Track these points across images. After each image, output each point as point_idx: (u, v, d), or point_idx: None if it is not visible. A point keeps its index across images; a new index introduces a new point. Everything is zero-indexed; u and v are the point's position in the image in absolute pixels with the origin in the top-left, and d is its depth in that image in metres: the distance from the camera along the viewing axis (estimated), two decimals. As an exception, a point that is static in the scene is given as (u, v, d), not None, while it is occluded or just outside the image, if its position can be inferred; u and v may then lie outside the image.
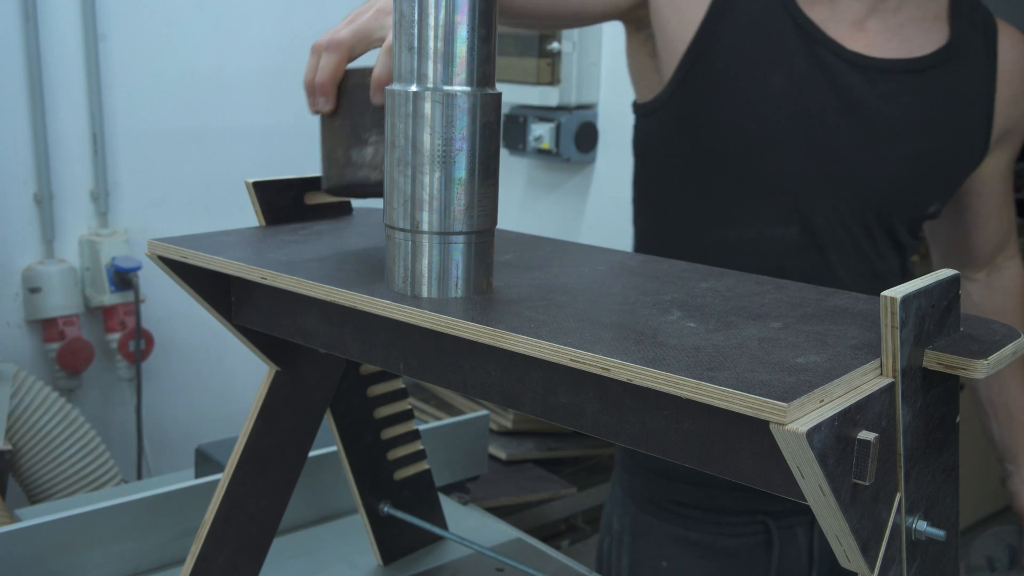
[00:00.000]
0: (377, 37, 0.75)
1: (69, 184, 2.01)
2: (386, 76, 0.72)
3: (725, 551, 1.14)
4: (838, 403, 0.49)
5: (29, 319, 2.00)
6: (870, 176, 1.04)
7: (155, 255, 0.80)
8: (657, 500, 1.17)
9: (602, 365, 0.54)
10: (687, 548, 1.15)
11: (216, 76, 2.18)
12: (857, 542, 0.51)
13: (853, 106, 1.02)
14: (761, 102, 1.01)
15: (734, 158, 1.04)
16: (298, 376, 0.93)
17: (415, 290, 0.66)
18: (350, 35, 0.74)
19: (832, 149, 1.02)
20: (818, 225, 1.04)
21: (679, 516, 1.15)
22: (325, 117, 0.78)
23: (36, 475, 1.79)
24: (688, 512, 1.15)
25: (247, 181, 0.85)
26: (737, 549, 1.14)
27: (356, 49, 0.75)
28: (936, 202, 1.10)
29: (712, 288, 0.70)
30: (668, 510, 1.16)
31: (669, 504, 1.16)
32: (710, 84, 1.02)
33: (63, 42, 1.96)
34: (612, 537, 1.22)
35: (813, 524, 1.14)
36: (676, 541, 1.15)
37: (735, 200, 1.05)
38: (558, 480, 2.10)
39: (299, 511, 1.20)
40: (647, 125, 1.12)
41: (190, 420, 2.25)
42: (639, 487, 1.19)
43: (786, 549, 1.14)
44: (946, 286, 0.56)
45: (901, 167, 1.05)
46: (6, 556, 0.98)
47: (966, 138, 1.08)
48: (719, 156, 1.04)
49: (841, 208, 1.04)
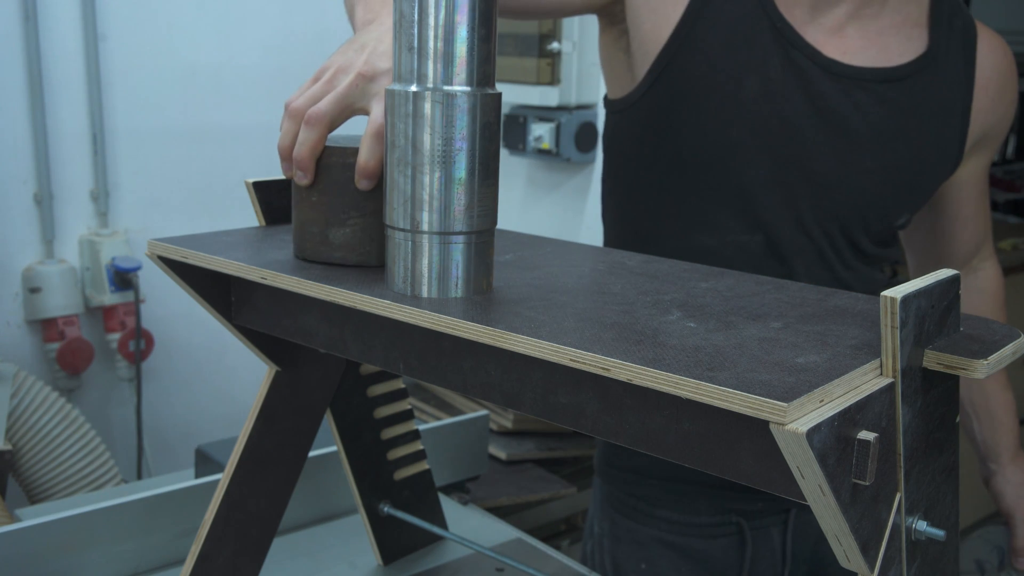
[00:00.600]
0: (359, 107, 0.73)
1: (69, 184, 2.01)
2: (373, 164, 0.69)
3: (700, 553, 1.14)
4: (838, 403, 0.49)
5: (29, 319, 2.00)
6: (839, 187, 1.02)
7: (155, 255, 0.80)
8: (632, 503, 1.16)
9: (602, 365, 0.54)
10: (664, 550, 1.15)
11: (216, 76, 2.18)
12: (857, 542, 0.51)
13: (826, 114, 1.00)
14: (734, 106, 0.99)
15: (702, 162, 1.02)
16: (298, 376, 0.93)
17: (415, 290, 0.66)
18: (331, 107, 0.71)
19: (802, 158, 1.01)
20: (783, 234, 1.03)
21: (654, 519, 1.15)
22: (298, 188, 0.74)
23: (36, 475, 1.79)
24: (663, 514, 1.14)
25: (247, 181, 0.85)
26: (712, 551, 1.14)
27: (336, 122, 0.72)
28: (905, 213, 1.09)
29: (712, 288, 0.70)
30: (644, 512, 1.15)
31: (644, 507, 1.15)
32: (683, 86, 1.00)
33: (63, 42, 1.96)
34: (594, 540, 1.23)
35: (787, 524, 1.14)
36: (653, 543, 1.15)
37: (700, 205, 1.04)
38: (558, 480, 2.10)
39: (299, 511, 1.20)
40: (617, 122, 1.10)
41: (190, 420, 2.25)
42: (616, 490, 1.19)
43: (759, 550, 1.13)
44: (946, 286, 0.56)
45: (871, 179, 1.03)
46: (6, 556, 0.98)
47: (940, 148, 1.06)
48: (687, 160, 1.02)
49: (807, 218, 1.03)
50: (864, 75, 1.00)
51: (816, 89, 0.99)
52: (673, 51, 1.00)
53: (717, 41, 0.99)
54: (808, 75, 0.99)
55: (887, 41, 1.03)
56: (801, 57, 0.99)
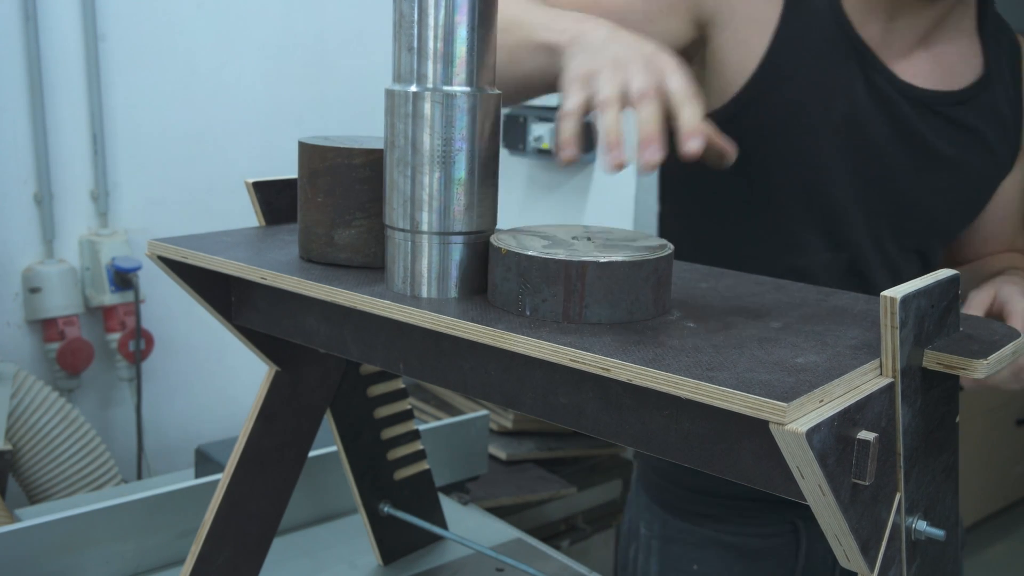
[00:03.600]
0: (664, 84, 0.73)
1: (69, 184, 2.01)
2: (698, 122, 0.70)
3: (755, 553, 1.14)
4: (838, 403, 0.49)
5: (29, 319, 2.00)
6: (916, 206, 1.06)
7: (155, 255, 0.80)
8: (686, 507, 1.16)
9: (602, 365, 0.54)
10: (719, 550, 1.15)
11: (216, 76, 2.18)
12: (857, 542, 0.51)
13: (907, 137, 1.02)
14: (825, 131, 1.01)
15: (792, 186, 1.04)
16: (298, 376, 0.93)
17: (415, 290, 0.66)
18: (647, 83, 0.72)
19: (885, 179, 1.03)
20: (866, 253, 1.06)
21: (711, 519, 1.15)
22: (304, 187, 0.74)
23: (36, 475, 1.79)
24: (720, 514, 1.15)
25: (247, 181, 0.85)
26: (766, 548, 1.14)
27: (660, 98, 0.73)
28: (966, 227, 1.13)
29: (712, 288, 0.70)
30: (700, 513, 1.16)
31: (701, 507, 1.16)
32: (773, 114, 1.01)
33: (63, 42, 1.96)
34: (639, 542, 1.22)
35: None
36: (708, 544, 1.15)
37: (790, 228, 1.05)
38: (558, 480, 2.10)
39: (299, 511, 1.20)
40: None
41: (190, 420, 2.25)
42: (669, 497, 1.18)
43: (813, 545, 1.14)
44: (946, 286, 0.56)
45: (944, 198, 1.06)
46: (6, 556, 0.98)
47: (998, 164, 1.09)
48: (778, 184, 1.04)
49: (885, 236, 1.06)
50: (936, 99, 1.03)
51: (899, 112, 1.02)
52: (761, 81, 1.00)
53: (805, 67, 1.00)
54: (890, 99, 1.02)
55: (951, 63, 1.05)
56: (882, 81, 1.01)
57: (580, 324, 0.60)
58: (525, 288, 0.61)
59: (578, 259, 0.59)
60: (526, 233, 0.66)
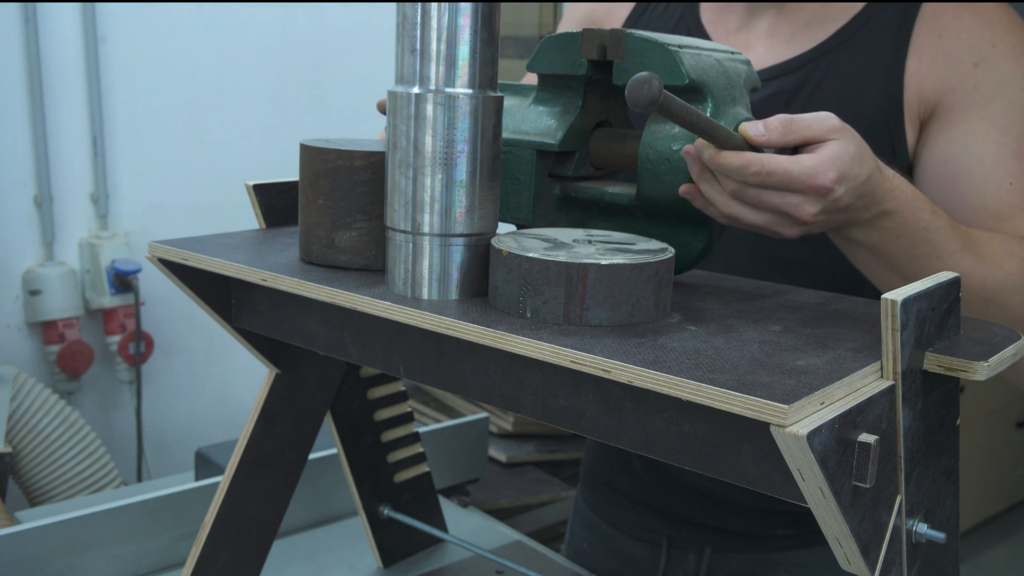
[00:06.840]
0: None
1: (69, 186, 2.01)
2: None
3: (623, 549, 1.15)
4: (838, 405, 0.49)
5: (29, 321, 2.00)
6: None
7: (155, 257, 0.80)
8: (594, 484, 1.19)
9: (602, 367, 0.54)
10: (598, 535, 1.18)
11: (216, 78, 2.18)
12: (858, 544, 0.51)
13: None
14: None
15: None
16: (298, 379, 0.93)
17: (415, 292, 0.66)
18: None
19: None
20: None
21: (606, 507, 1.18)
22: (305, 189, 0.74)
23: (36, 477, 1.79)
24: (614, 507, 1.16)
25: (247, 183, 0.85)
26: (633, 551, 1.14)
27: None
28: None
29: (712, 291, 0.70)
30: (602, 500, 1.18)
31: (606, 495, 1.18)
32: None
33: (63, 44, 1.96)
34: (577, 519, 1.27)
35: (702, 557, 1.11)
36: (594, 526, 1.19)
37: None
38: (558, 482, 2.10)
39: (299, 513, 1.20)
40: None
41: (190, 422, 2.25)
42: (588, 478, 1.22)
43: (673, 568, 1.13)
44: (946, 289, 0.56)
45: None
46: (6, 558, 0.98)
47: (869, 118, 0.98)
48: None
49: None
50: (766, 74, 0.99)
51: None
52: None
53: None
54: None
55: (790, 32, 1.01)
56: None
57: (581, 326, 0.60)
58: (526, 290, 0.61)
59: (579, 261, 0.59)
60: (527, 235, 0.66)
